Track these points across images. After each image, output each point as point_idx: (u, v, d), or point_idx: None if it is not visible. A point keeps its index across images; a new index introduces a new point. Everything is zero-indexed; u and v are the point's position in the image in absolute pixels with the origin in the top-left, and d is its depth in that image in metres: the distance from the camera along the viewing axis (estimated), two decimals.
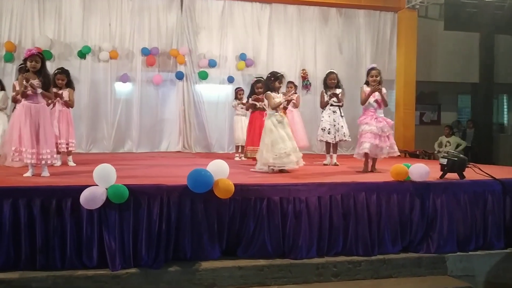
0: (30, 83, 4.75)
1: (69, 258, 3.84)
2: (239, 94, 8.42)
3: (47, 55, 8.99)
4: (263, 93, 6.05)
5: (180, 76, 9.87)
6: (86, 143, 9.44)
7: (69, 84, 6.46)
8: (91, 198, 3.78)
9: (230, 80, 10.02)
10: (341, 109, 7.01)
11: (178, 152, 9.91)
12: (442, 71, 12.15)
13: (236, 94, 8.52)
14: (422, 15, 11.47)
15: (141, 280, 3.91)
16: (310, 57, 10.56)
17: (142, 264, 3.97)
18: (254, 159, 7.21)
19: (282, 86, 5.88)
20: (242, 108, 8.24)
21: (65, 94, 6.33)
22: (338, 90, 6.95)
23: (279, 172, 5.56)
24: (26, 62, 4.84)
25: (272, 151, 5.56)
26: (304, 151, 9.15)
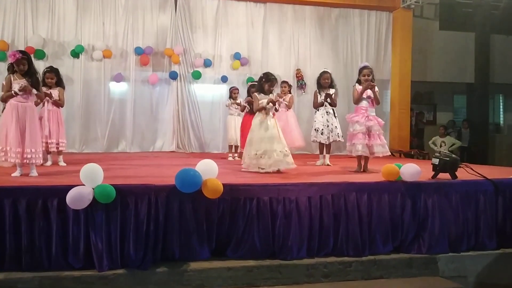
0: (24, 86, 4.71)
1: (55, 259, 3.79)
2: (234, 94, 8.38)
3: (40, 55, 8.98)
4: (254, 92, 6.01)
5: (174, 76, 9.83)
6: (79, 143, 9.39)
7: (59, 83, 6.41)
8: (78, 198, 3.73)
9: (224, 79, 9.98)
10: (334, 109, 6.98)
11: (172, 152, 9.86)
12: (437, 71, 12.15)
13: (230, 94, 8.47)
14: (417, 15, 11.46)
15: (128, 281, 3.87)
16: (305, 56, 10.53)
17: (129, 264, 3.92)
18: None
19: (274, 89, 5.81)
20: (237, 108, 8.21)
21: (55, 93, 6.28)
22: (332, 90, 6.92)
23: (270, 172, 5.51)
24: (13, 65, 4.78)
25: (247, 151, 5.58)
26: (300, 151, 9.24)
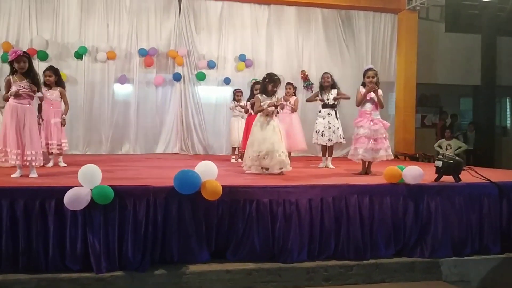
0: (15, 92, 4.72)
1: (52, 260, 3.77)
2: (237, 96, 8.35)
3: (43, 56, 8.99)
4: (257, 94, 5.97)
5: (177, 77, 9.82)
6: (82, 145, 9.39)
7: (59, 83, 6.41)
8: (75, 198, 3.71)
9: (227, 81, 9.95)
10: (337, 111, 6.92)
11: (175, 154, 9.84)
12: (443, 74, 12.03)
13: (234, 96, 8.44)
14: (422, 17, 11.36)
15: (126, 283, 3.84)
16: (310, 58, 10.48)
17: (127, 266, 3.90)
18: None
19: (277, 89, 5.76)
20: (240, 111, 8.16)
21: (55, 93, 6.28)
22: (334, 91, 6.87)
23: (274, 173, 5.48)
24: (13, 63, 4.77)
25: (248, 152, 5.57)
26: (303, 154, 9.19)
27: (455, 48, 11.95)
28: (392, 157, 5.86)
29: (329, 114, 6.86)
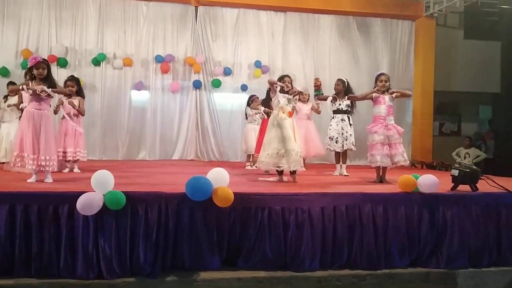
0: (41, 88, 4.78)
1: (64, 265, 3.79)
2: (254, 102, 8.31)
3: (63, 63, 9.15)
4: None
5: (197, 84, 9.90)
6: (99, 151, 9.49)
7: (79, 92, 6.49)
8: (88, 204, 3.74)
9: (244, 88, 9.97)
10: (350, 117, 6.85)
11: (191, 160, 9.88)
12: (462, 81, 11.85)
13: (250, 102, 8.40)
14: (440, 24, 11.24)
15: None
16: (325, 65, 10.46)
17: (139, 272, 3.90)
18: None
19: (290, 84, 5.65)
20: (255, 119, 8.12)
21: (75, 102, 6.35)
22: (347, 97, 6.80)
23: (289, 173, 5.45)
24: (32, 70, 4.85)
25: (265, 150, 5.51)
26: (318, 161, 9.14)
27: (474, 55, 11.77)
28: (408, 162, 5.77)
29: (342, 120, 6.80)
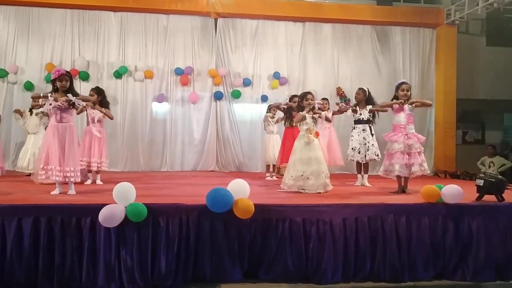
0: (65, 99, 4.88)
1: (86, 277, 3.83)
2: (273, 110, 8.30)
3: (84, 76, 9.32)
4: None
5: (219, 96, 9.95)
6: (121, 162, 9.59)
7: (103, 103, 6.56)
8: (110, 216, 3.77)
9: (264, 99, 9.99)
10: (371, 127, 6.77)
11: (212, 171, 9.90)
12: (485, 89, 11.65)
13: (269, 110, 8.39)
14: (462, 31, 11.09)
15: None
16: (345, 75, 10.38)
17: (160, 284, 3.92)
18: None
19: (312, 102, 5.68)
20: (272, 131, 8.12)
21: (98, 113, 6.42)
22: (368, 107, 6.73)
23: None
24: (55, 82, 4.95)
25: (290, 172, 5.51)
26: (339, 171, 9.06)
27: (498, 62, 11.56)
28: (428, 171, 5.67)
29: (363, 130, 6.72)
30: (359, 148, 6.67)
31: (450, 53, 10.46)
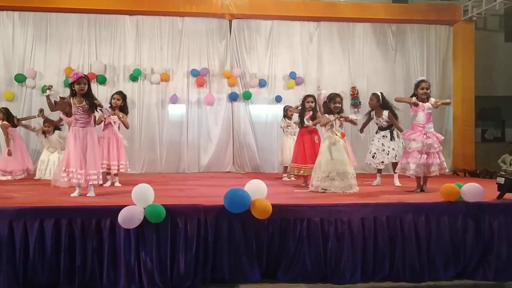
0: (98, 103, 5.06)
1: (107, 278, 3.87)
2: (289, 112, 8.27)
3: (101, 80, 9.42)
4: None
5: (234, 97, 9.98)
6: (139, 165, 9.68)
7: (123, 108, 6.61)
8: (129, 217, 3.81)
9: (278, 99, 9.98)
10: (393, 131, 6.65)
11: (228, 172, 9.93)
12: (504, 85, 11.46)
13: (285, 113, 8.38)
14: (480, 27, 10.93)
15: None
16: (361, 74, 10.33)
17: (179, 285, 3.94)
18: (297, 177, 7.09)
19: (340, 105, 5.60)
20: (291, 130, 8.08)
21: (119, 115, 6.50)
22: (385, 113, 6.62)
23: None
24: (73, 86, 5.01)
25: (316, 173, 5.51)
26: (356, 171, 8.97)
27: None
28: (447, 170, 5.59)
29: (384, 136, 6.64)
30: (375, 153, 6.63)
31: (468, 50, 10.33)
